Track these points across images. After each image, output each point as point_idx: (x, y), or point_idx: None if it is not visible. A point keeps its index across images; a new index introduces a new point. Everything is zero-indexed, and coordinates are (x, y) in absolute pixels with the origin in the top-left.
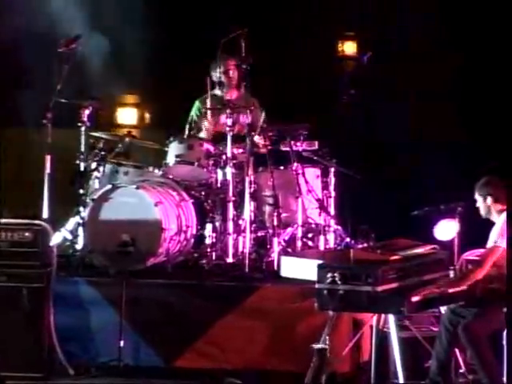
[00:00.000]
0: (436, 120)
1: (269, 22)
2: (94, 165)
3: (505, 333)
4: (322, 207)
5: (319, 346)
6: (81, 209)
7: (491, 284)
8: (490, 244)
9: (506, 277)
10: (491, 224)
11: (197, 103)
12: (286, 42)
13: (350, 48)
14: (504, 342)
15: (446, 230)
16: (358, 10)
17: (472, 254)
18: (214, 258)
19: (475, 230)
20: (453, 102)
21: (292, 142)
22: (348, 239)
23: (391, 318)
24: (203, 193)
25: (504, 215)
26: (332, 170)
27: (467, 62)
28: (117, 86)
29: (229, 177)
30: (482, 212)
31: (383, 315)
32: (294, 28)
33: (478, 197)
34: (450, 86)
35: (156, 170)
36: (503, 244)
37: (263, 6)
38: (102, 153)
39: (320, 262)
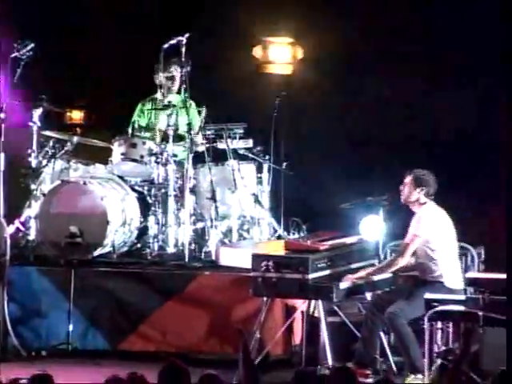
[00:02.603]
0: (365, 119)
1: (205, 26)
2: (44, 162)
3: (426, 318)
4: (257, 201)
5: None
6: (33, 202)
7: (412, 272)
8: (409, 234)
9: (424, 265)
10: (413, 214)
11: (139, 106)
12: (221, 44)
13: (282, 52)
14: (425, 326)
15: (371, 227)
16: (293, 13)
17: (396, 245)
18: (156, 248)
19: (400, 221)
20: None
21: (229, 140)
22: (280, 231)
23: (321, 303)
24: (146, 188)
25: (424, 208)
26: (266, 166)
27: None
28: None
29: (170, 173)
30: (405, 197)
31: (313, 301)
32: (229, 31)
33: (410, 182)
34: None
35: (102, 167)
36: (421, 233)
37: (199, 11)
38: (52, 150)
39: (254, 251)
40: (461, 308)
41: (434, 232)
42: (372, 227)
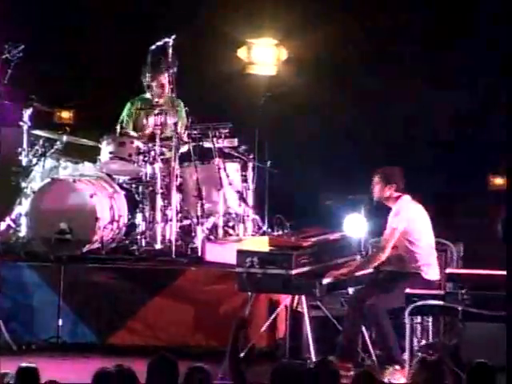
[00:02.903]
0: (351, 119)
1: (191, 28)
2: (34, 160)
3: (407, 312)
4: (242, 198)
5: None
6: (23, 200)
7: (390, 265)
8: (388, 228)
9: (402, 257)
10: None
11: (128, 105)
12: (207, 45)
13: (267, 53)
14: (405, 321)
15: (354, 224)
16: (277, 16)
17: (377, 241)
18: (143, 244)
19: (381, 218)
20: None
21: (214, 139)
22: (265, 227)
23: (304, 298)
24: (134, 185)
25: (400, 201)
26: (250, 164)
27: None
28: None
29: (157, 171)
30: (377, 196)
31: (297, 296)
32: (215, 32)
33: (379, 181)
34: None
35: (91, 165)
36: (399, 226)
37: (186, 13)
38: (42, 149)
39: (239, 248)
40: (440, 303)
41: (412, 224)
42: (355, 224)
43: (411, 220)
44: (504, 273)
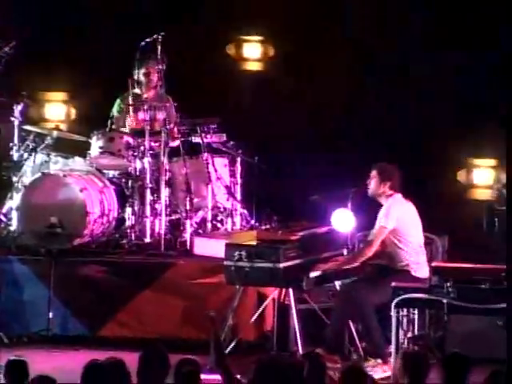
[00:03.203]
0: (340, 117)
1: (181, 27)
2: (25, 155)
3: (393, 304)
4: (230, 193)
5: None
6: (14, 194)
7: (378, 260)
8: (377, 225)
9: (391, 254)
10: (379, 206)
11: (118, 101)
12: (196, 42)
13: (254, 50)
14: (392, 313)
15: (343, 219)
16: (265, 13)
17: (364, 235)
18: (133, 238)
19: (368, 213)
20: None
21: (203, 135)
22: (253, 221)
23: (291, 291)
24: (123, 180)
25: (391, 200)
26: (238, 159)
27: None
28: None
29: (146, 166)
30: (372, 191)
31: (284, 289)
32: (204, 28)
33: (375, 177)
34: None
35: (81, 160)
36: (388, 224)
37: (176, 12)
38: (33, 144)
39: (228, 241)
40: (426, 296)
41: (402, 223)
42: (343, 219)
43: (401, 219)
44: (488, 266)
